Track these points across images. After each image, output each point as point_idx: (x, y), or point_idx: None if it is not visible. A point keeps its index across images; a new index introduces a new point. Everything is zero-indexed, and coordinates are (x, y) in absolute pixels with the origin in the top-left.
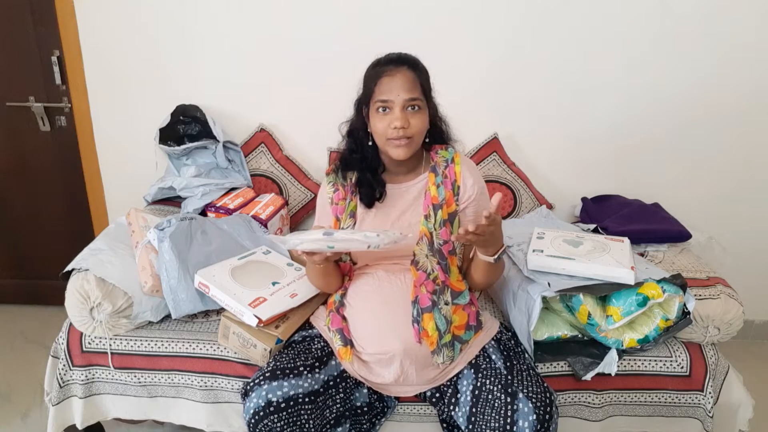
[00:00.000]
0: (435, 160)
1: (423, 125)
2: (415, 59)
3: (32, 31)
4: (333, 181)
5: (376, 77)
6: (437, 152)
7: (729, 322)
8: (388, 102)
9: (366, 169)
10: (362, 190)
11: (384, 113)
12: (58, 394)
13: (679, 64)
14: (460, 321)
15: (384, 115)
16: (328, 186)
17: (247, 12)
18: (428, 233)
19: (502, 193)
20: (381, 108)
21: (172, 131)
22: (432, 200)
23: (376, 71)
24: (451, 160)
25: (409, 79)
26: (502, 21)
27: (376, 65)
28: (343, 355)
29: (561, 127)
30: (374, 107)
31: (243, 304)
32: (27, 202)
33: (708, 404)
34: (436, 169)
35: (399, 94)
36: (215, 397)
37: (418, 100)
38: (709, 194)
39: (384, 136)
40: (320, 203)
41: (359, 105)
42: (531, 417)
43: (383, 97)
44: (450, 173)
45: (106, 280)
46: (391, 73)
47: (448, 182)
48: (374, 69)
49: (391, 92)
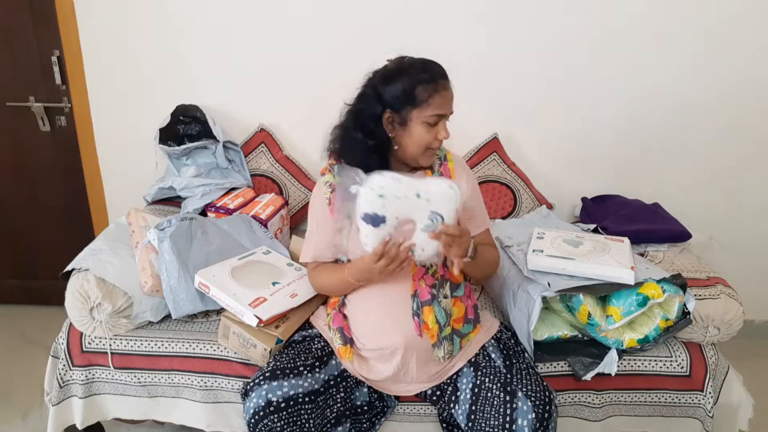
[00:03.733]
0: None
1: None
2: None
3: (32, 31)
4: (330, 181)
5: (433, 90)
6: None
7: (729, 322)
8: (444, 116)
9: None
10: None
11: (432, 125)
12: (58, 394)
13: (679, 65)
14: (458, 313)
15: (432, 127)
16: (325, 186)
17: (247, 12)
18: None
19: (502, 193)
20: (433, 120)
21: (172, 131)
22: None
23: (431, 85)
24: (443, 158)
25: (451, 93)
26: (503, 21)
27: (428, 77)
28: (343, 354)
29: (561, 127)
30: (425, 118)
31: (243, 304)
32: (27, 202)
33: (708, 404)
34: (433, 167)
35: (450, 108)
36: (215, 397)
37: None
38: (709, 194)
39: (426, 146)
40: (316, 206)
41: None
42: (530, 415)
43: (440, 111)
44: (444, 170)
45: (106, 280)
46: (446, 86)
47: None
48: (429, 82)
49: (447, 107)
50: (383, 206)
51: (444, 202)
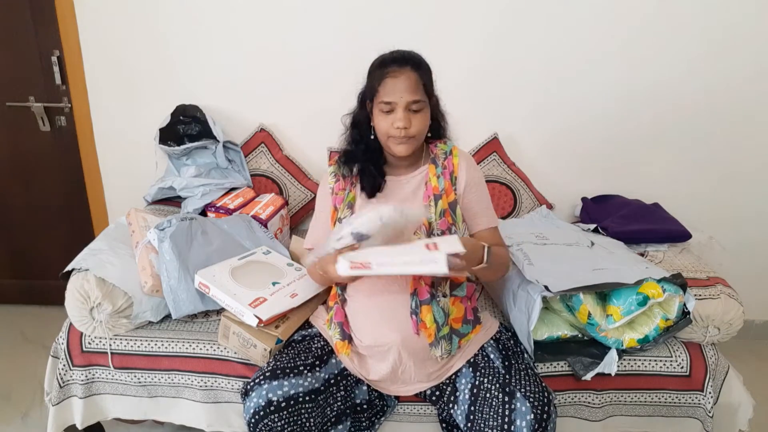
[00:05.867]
0: (435, 153)
1: (424, 125)
2: (418, 58)
3: (32, 31)
4: (335, 172)
5: (380, 77)
6: (437, 145)
7: (729, 322)
8: (391, 104)
9: (368, 160)
10: (365, 179)
11: (387, 113)
12: (58, 394)
13: (679, 65)
14: (457, 314)
15: (387, 115)
16: (330, 177)
17: (247, 12)
18: (427, 223)
19: (502, 193)
20: (386, 108)
21: (172, 131)
22: (433, 190)
23: (380, 71)
24: (449, 152)
25: (412, 80)
26: (503, 21)
27: (381, 64)
28: (341, 348)
29: (561, 128)
30: (378, 107)
31: (243, 305)
32: (27, 202)
33: (708, 404)
34: (436, 161)
35: (402, 96)
36: (215, 397)
37: (420, 102)
38: (710, 194)
39: (386, 134)
40: (320, 195)
41: (363, 98)
42: (528, 416)
43: (387, 98)
44: (449, 164)
45: (106, 280)
46: (395, 74)
47: (447, 173)
48: (379, 68)
49: (395, 94)
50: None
51: (365, 224)
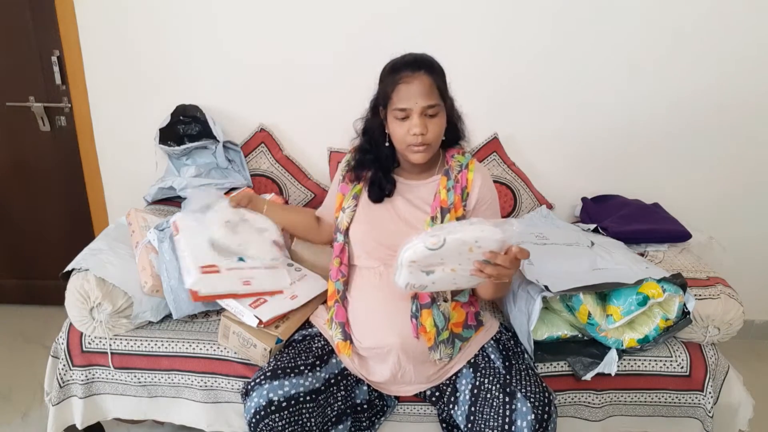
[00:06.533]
0: (449, 164)
1: (441, 129)
2: (431, 61)
3: (32, 31)
4: (349, 162)
5: (393, 84)
6: (453, 156)
7: (729, 322)
8: (406, 110)
9: (379, 168)
10: (372, 189)
11: (402, 120)
12: (58, 394)
13: (679, 65)
14: (458, 318)
15: (402, 122)
16: (344, 165)
17: (247, 12)
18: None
19: (502, 193)
20: (400, 115)
21: (172, 131)
22: (441, 203)
23: (393, 78)
24: (465, 166)
25: (426, 84)
26: (503, 22)
27: (392, 69)
28: (342, 348)
29: (561, 127)
30: (392, 114)
31: (243, 305)
32: (27, 202)
33: (708, 404)
34: (449, 173)
35: (417, 101)
36: (215, 397)
37: (435, 106)
38: (709, 194)
39: (404, 142)
40: (336, 176)
41: (375, 105)
42: (529, 417)
43: (401, 105)
44: (462, 178)
45: (106, 280)
46: (408, 79)
47: (459, 187)
48: (391, 74)
49: (409, 100)
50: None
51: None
